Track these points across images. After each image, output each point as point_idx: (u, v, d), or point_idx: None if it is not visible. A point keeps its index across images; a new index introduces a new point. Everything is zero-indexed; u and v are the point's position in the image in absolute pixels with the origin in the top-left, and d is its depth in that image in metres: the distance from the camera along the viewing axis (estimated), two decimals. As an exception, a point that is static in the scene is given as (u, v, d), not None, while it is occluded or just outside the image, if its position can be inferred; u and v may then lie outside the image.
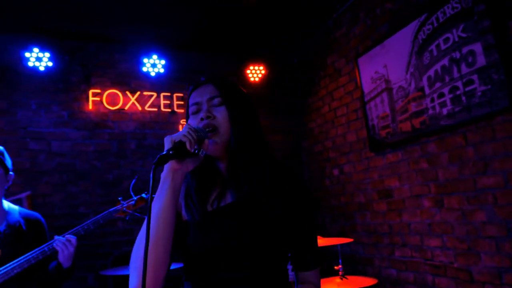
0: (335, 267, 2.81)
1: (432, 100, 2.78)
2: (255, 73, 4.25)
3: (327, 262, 3.04)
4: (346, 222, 3.75)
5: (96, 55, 3.88)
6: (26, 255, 1.90)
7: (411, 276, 2.97)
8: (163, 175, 1.04)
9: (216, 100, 1.16)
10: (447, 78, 2.66)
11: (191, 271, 1.14)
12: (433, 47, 2.77)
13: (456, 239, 2.57)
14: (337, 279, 2.77)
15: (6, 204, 2.08)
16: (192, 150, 1.01)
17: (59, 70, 3.65)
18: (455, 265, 2.57)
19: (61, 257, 1.95)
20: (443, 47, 2.69)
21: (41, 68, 3.48)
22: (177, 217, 1.13)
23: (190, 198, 1.16)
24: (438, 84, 2.73)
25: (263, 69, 4.26)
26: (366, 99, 3.45)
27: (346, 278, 2.78)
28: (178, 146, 0.98)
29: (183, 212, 1.18)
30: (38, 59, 3.43)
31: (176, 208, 1.08)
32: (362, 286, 2.60)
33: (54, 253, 1.97)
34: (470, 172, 2.47)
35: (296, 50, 4.38)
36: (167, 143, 1.00)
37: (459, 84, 2.57)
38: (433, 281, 2.75)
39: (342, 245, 3.82)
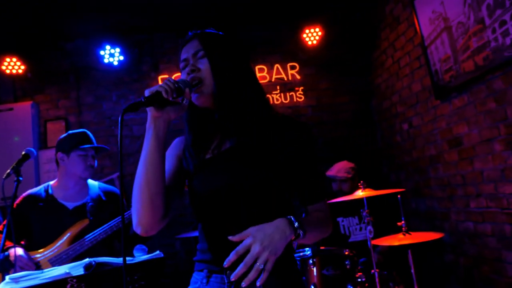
0: (398, 223, 2.67)
1: (494, 31, 2.46)
2: (312, 35, 4.16)
3: (392, 221, 2.90)
4: (420, 177, 3.54)
5: (162, 44, 4.21)
6: (109, 223, 2.20)
7: (489, 227, 2.72)
8: (147, 124, 1.13)
9: (200, 53, 1.22)
10: (507, 3, 2.33)
11: (201, 215, 1.24)
12: (489, -30, 2.43)
13: (531, 183, 2.29)
14: (400, 235, 2.63)
15: (88, 180, 2.45)
16: (171, 99, 1.07)
17: (131, 62, 4.07)
18: (532, 211, 2.30)
19: None
20: (500, -33, 2.35)
21: (115, 63, 3.92)
22: (179, 168, 1.26)
23: (189, 148, 1.26)
24: (498, 11, 2.40)
25: (319, 31, 4.14)
26: (426, 43, 3.17)
27: (410, 234, 2.63)
28: (153, 95, 1.04)
29: (184, 164, 1.26)
30: (111, 55, 3.87)
31: (177, 158, 1.24)
32: (425, 240, 2.46)
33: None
34: (540, 105, 2.16)
35: (352, 5, 4.17)
36: (146, 94, 1.06)
37: (521, 6, 2.23)
38: None
39: (417, 201, 3.63)
